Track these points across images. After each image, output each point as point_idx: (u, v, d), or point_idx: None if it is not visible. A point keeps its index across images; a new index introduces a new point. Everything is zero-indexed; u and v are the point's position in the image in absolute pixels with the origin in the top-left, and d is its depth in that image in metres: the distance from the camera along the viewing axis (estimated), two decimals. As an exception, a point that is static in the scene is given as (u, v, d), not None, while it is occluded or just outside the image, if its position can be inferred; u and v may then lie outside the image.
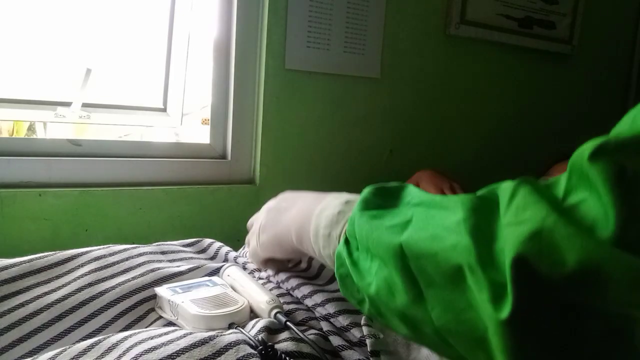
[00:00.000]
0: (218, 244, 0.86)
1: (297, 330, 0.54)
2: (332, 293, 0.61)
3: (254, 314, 0.60)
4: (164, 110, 1.19)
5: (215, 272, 0.71)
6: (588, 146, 0.29)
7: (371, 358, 0.51)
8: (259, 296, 0.60)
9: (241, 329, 0.52)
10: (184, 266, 0.70)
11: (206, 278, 0.68)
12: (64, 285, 0.61)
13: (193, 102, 1.31)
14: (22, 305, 0.57)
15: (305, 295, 0.62)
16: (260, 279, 0.73)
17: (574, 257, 0.27)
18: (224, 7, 1.12)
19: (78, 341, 0.52)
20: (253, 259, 0.70)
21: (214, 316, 0.56)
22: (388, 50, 1.27)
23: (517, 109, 1.54)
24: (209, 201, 1.10)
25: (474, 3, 1.36)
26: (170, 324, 0.60)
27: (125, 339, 0.48)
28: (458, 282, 0.34)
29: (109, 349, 0.47)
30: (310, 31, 1.15)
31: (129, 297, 0.62)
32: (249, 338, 0.50)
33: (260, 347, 0.48)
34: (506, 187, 0.34)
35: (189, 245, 0.84)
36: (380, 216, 0.43)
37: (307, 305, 0.62)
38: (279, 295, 0.64)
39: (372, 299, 0.42)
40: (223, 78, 1.15)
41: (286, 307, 0.61)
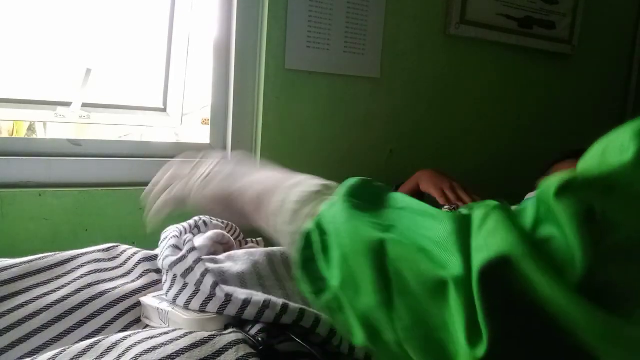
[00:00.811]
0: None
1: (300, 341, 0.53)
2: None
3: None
4: (164, 110, 1.19)
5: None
6: (554, 181, 0.28)
7: None
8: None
9: (240, 330, 0.52)
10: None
11: None
12: (63, 286, 0.61)
13: (193, 102, 1.31)
14: (22, 305, 0.57)
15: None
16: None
17: (545, 294, 0.26)
18: (224, 7, 1.12)
19: (78, 342, 0.52)
20: (182, 196, 0.61)
21: (208, 319, 0.54)
22: (388, 50, 1.26)
23: (517, 109, 1.54)
24: (209, 201, 1.10)
25: (474, 3, 1.36)
26: None
27: (125, 338, 0.48)
28: (438, 298, 0.31)
29: (109, 349, 0.47)
30: (310, 31, 1.15)
31: (129, 298, 0.62)
32: (249, 338, 0.50)
33: (261, 347, 0.48)
34: (479, 211, 0.33)
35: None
36: (363, 208, 0.40)
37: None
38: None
39: (336, 291, 0.38)
40: (223, 78, 1.15)
41: None
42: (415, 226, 0.36)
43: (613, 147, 0.28)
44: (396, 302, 0.34)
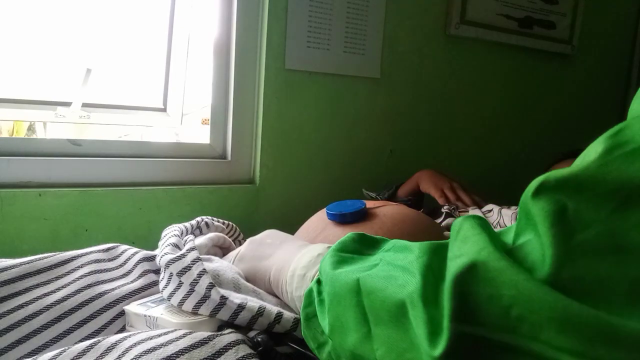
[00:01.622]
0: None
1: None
2: None
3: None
4: (164, 110, 1.19)
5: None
6: (533, 183, 0.28)
7: None
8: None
9: (237, 331, 0.52)
10: None
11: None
12: (63, 287, 0.61)
13: (193, 102, 1.31)
14: (22, 306, 0.57)
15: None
16: None
17: (509, 292, 0.26)
18: (224, 7, 1.12)
19: (77, 342, 0.52)
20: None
21: (200, 322, 0.53)
22: (388, 50, 1.26)
23: (517, 109, 1.54)
24: (209, 201, 1.10)
25: (474, 3, 1.36)
26: None
27: (125, 339, 0.48)
28: (401, 320, 0.33)
29: (108, 349, 0.47)
30: (310, 31, 1.15)
31: (128, 299, 0.62)
32: (249, 338, 0.50)
33: (260, 348, 0.48)
34: (455, 222, 0.34)
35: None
36: (350, 260, 0.43)
37: None
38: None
39: (331, 338, 0.41)
40: (223, 78, 1.15)
41: None
42: (394, 260, 0.38)
43: (591, 148, 0.29)
44: (373, 333, 0.36)
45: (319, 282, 0.44)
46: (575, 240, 0.25)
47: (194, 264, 0.58)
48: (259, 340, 0.50)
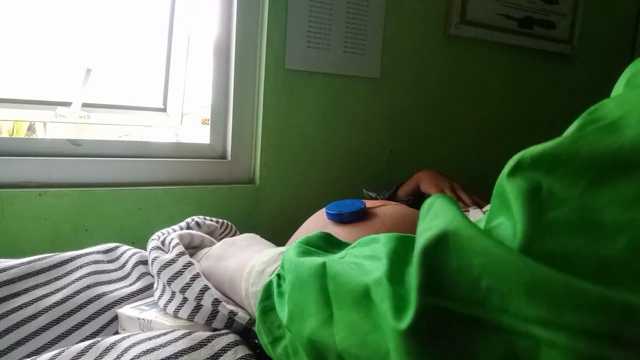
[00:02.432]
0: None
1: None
2: None
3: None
4: (164, 110, 1.19)
5: None
6: (510, 162, 0.28)
7: None
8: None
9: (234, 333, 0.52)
10: None
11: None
12: (62, 288, 0.61)
13: (193, 102, 1.31)
14: (21, 307, 0.57)
15: None
16: None
17: (478, 261, 0.26)
18: (224, 7, 1.12)
19: (76, 343, 0.52)
20: None
21: (194, 324, 0.54)
22: (388, 50, 1.26)
23: (518, 109, 1.54)
24: (209, 201, 1.10)
25: (474, 3, 1.36)
26: None
27: (124, 339, 0.48)
28: (365, 302, 0.33)
29: (107, 349, 0.47)
30: (310, 31, 1.15)
31: (126, 301, 0.62)
32: (248, 339, 0.50)
33: (258, 350, 0.48)
34: (426, 201, 0.34)
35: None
36: (315, 254, 0.43)
37: None
38: None
39: (287, 329, 0.40)
40: (223, 78, 1.15)
41: None
42: (361, 252, 0.38)
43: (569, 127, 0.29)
44: (335, 316, 0.36)
45: (279, 277, 0.44)
46: (548, 218, 0.25)
47: (186, 269, 0.57)
48: (258, 341, 0.50)
